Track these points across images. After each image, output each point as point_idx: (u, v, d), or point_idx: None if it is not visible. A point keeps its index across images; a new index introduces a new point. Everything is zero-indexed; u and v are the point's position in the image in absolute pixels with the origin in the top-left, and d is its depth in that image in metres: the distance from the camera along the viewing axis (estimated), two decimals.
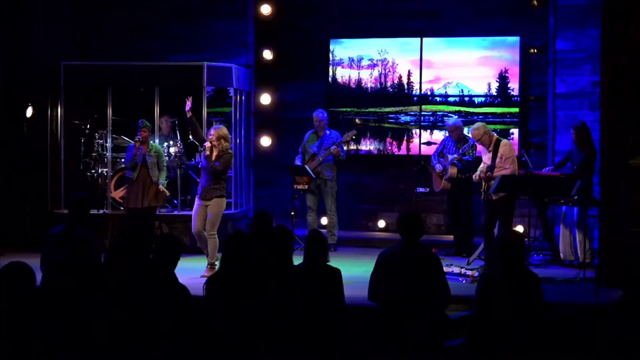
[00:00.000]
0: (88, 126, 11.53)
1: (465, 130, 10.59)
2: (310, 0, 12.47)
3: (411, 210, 7.33)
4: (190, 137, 11.72)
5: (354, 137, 11.29)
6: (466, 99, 11.85)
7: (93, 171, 11.32)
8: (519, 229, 10.76)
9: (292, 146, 11.52)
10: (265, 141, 12.33)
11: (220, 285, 5.91)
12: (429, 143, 11.97)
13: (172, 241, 6.05)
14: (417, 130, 12.04)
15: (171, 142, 11.33)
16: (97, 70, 11.31)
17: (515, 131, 11.62)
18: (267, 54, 12.27)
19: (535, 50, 11.40)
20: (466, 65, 11.80)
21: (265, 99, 12.32)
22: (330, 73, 12.32)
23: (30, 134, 11.56)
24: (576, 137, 9.77)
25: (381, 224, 12.25)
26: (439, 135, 11.91)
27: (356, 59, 12.24)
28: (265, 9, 12.18)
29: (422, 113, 12.02)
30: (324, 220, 11.23)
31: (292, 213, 10.86)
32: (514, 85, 11.63)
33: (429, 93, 11.99)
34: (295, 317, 5.97)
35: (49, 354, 5.13)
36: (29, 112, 11.52)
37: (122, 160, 10.94)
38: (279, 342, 5.86)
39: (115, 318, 5.64)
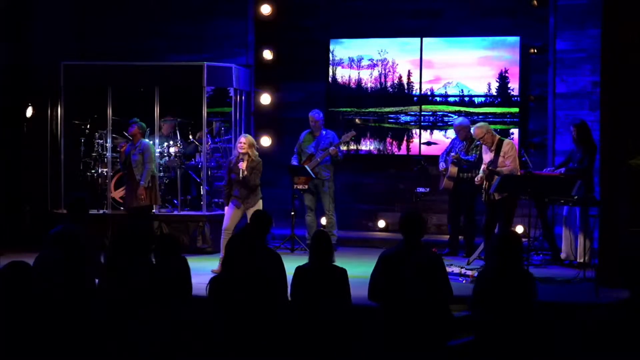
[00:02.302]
0: (88, 126, 11.53)
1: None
2: (310, 0, 12.47)
3: (413, 210, 7.34)
4: (190, 137, 11.74)
5: (353, 137, 11.29)
6: (466, 99, 11.84)
7: (93, 171, 11.33)
8: (519, 229, 10.76)
9: (292, 146, 11.49)
10: (265, 141, 12.32)
11: (224, 286, 5.91)
12: (429, 143, 11.97)
13: (172, 241, 6.05)
14: (417, 130, 12.04)
15: (171, 142, 11.33)
16: (97, 70, 11.32)
17: (515, 131, 11.62)
18: (267, 54, 12.27)
19: (535, 50, 11.39)
20: (466, 65, 11.80)
21: (265, 99, 12.32)
22: (330, 73, 12.32)
23: (30, 134, 11.56)
24: (576, 135, 9.77)
25: (381, 224, 12.25)
26: (439, 135, 11.92)
27: (356, 59, 12.24)
28: (265, 9, 12.18)
29: (422, 113, 12.02)
30: (323, 221, 11.23)
31: (292, 213, 10.87)
32: (514, 85, 11.63)
33: (429, 93, 11.99)
34: (301, 317, 5.98)
35: (48, 354, 5.13)
36: (29, 112, 11.53)
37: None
38: (283, 342, 5.87)
39: (113, 319, 5.65)
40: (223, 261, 6.17)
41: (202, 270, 9.14)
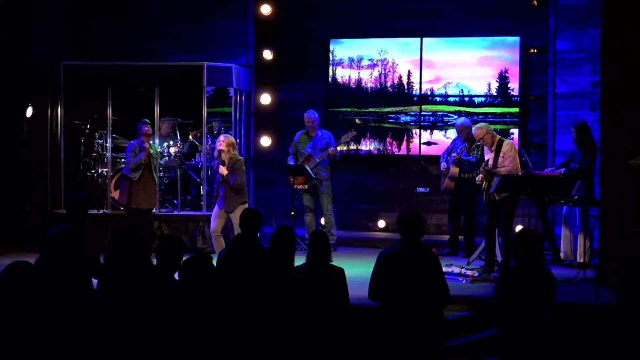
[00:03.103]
0: (88, 126, 11.53)
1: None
2: (310, 0, 12.47)
3: (411, 210, 7.34)
4: (190, 137, 11.74)
5: (353, 137, 11.28)
6: (466, 99, 11.85)
7: (93, 171, 11.33)
8: (519, 228, 10.75)
9: None
10: (265, 141, 12.33)
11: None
12: (429, 143, 11.97)
13: (173, 242, 6.04)
14: (417, 130, 12.04)
15: (171, 142, 11.33)
16: (97, 70, 11.32)
17: (515, 131, 11.62)
18: (267, 54, 12.27)
19: (535, 50, 11.39)
20: (466, 65, 11.80)
21: (265, 99, 12.32)
22: (330, 73, 12.32)
23: (30, 134, 11.56)
24: (577, 136, 9.77)
25: (381, 224, 12.25)
26: (439, 135, 11.92)
27: (356, 59, 12.24)
28: (265, 9, 12.18)
29: (422, 113, 12.02)
30: (322, 221, 11.22)
31: (292, 213, 10.86)
32: (514, 85, 11.63)
33: (429, 93, 11.99)
34: (299, 317, 5.98)
35: (49, 354, 5.13)
36: (29, 112, 11.52)
37: (123, 160, 10.91)
38: (281, 341, 5.87)
39: (114, 318, 5.65)
40: (217, 261, 6.18)
41: None
